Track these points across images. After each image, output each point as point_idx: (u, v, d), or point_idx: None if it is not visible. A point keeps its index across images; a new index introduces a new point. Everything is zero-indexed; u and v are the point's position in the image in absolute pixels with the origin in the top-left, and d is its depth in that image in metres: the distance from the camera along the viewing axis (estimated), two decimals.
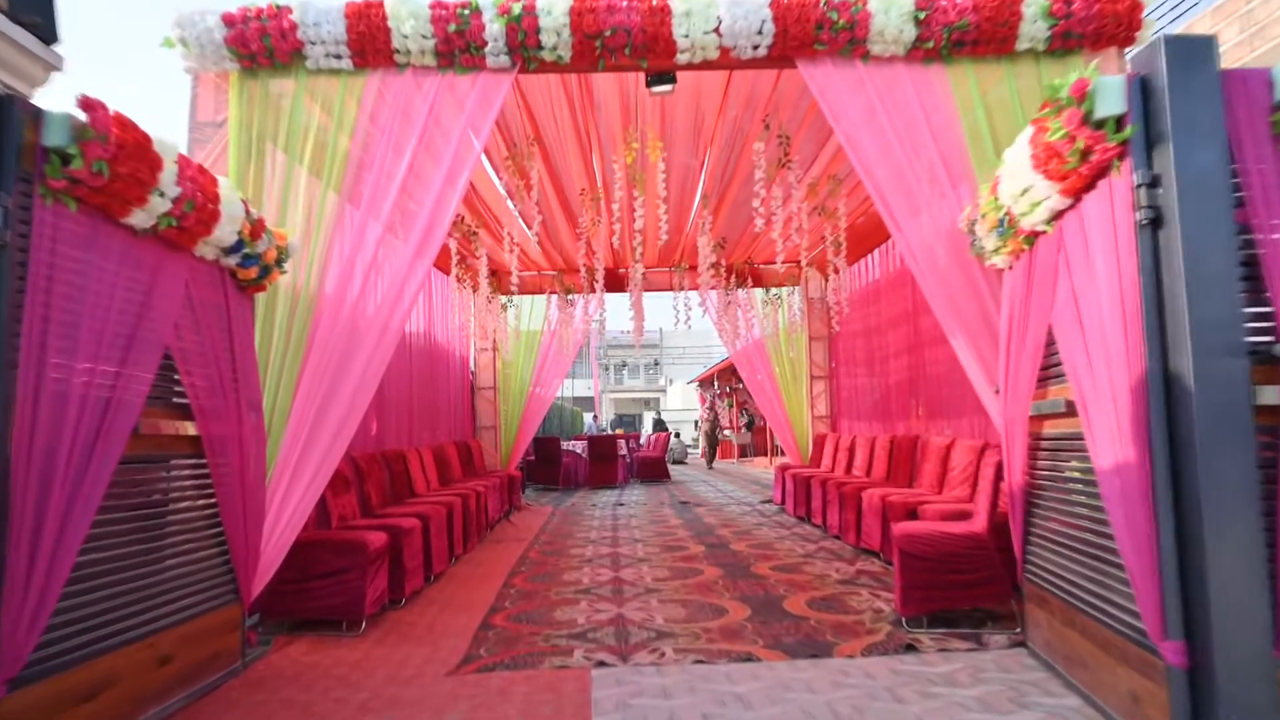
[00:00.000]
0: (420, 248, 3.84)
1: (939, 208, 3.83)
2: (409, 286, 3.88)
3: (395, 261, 3.91)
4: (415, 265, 3.87)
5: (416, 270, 3.89)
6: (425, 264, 3.92)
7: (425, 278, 4.03)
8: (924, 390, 6.82)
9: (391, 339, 3.90)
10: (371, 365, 3.87)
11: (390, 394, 6.77)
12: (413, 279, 3.89)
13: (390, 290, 3.87)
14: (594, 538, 7.28)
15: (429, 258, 3.91)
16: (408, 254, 3.84)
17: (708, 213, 5.75)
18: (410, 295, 3.90)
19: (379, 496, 5.63)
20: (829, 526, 7.14)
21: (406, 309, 3.91)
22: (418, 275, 3.90)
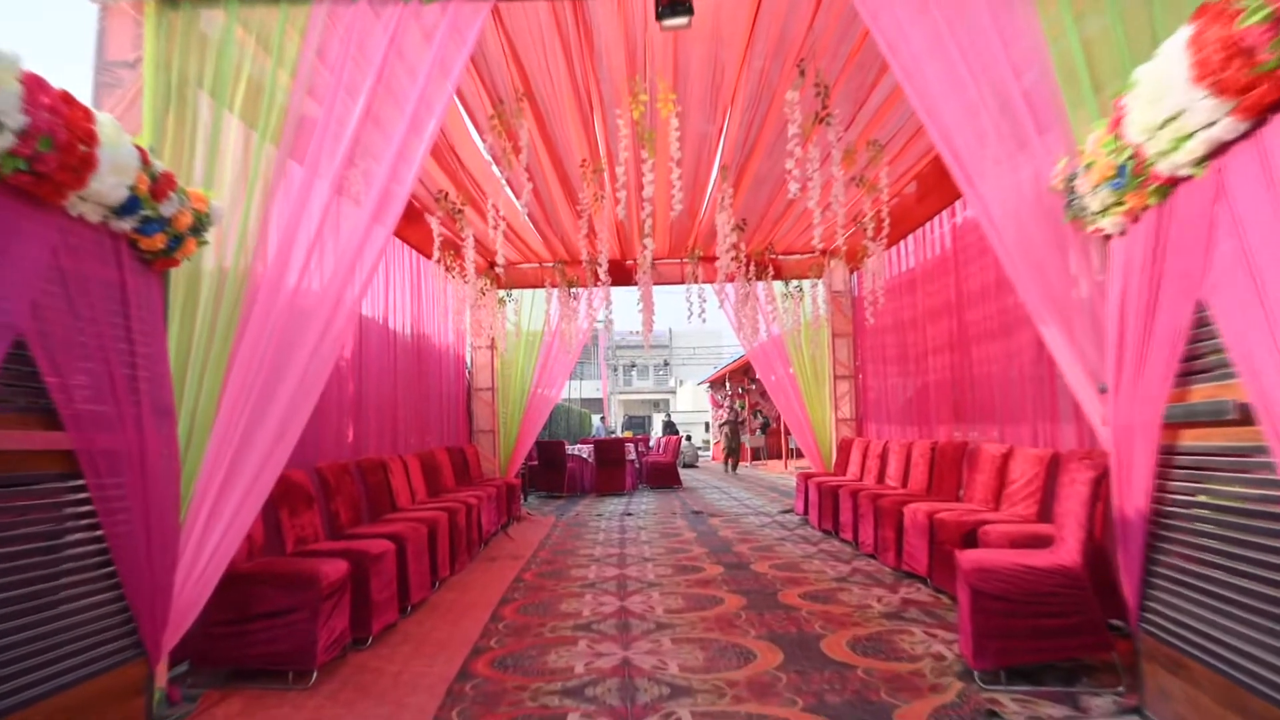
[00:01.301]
0: (378, 211, 3.11)
1: (1021, 160, 3.06)
2: (365, 258, 3.16)
3: (349, 229, 3.18)
4: (373, 232, 3.15)
5: (374, 238, 3.16)
6: (385, 231, 3.20)
7: (385, 250, 3.30)
8: (971, 391, 6.04)
9: (344, 322, 3.17)
10: (320, 356, 3.14)
11: (370, 396, 6.05)
12: (369, 249, 3.16)
13: (342, 263, 3.14)
14: (598, 555, 6.53)
15: (389, 223, 3.19)
16: (363, 218, 3.11)
17: (727, 186, 5.01)
18: (367, 268, 3.17)
19: (350, 513, 4.90)
20: (861, 543, 6.36)
21: (362, 285, 3.18)
22: (375, 244, 3.17)
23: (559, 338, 9.11)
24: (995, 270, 5.50)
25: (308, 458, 4.84)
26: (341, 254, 3.14)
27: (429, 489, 6.89)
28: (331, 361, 3.17)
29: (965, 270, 6.04)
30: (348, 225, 3.21)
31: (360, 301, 3.21)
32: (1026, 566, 3.21)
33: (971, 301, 5.92)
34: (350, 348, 5.69)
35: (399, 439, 6.74)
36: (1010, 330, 5.28)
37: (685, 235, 7.95)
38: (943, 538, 4.70)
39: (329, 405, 5.26)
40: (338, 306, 3.12)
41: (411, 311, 7.24)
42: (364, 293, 3.24)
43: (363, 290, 3.17)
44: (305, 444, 4.76)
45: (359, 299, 3.16)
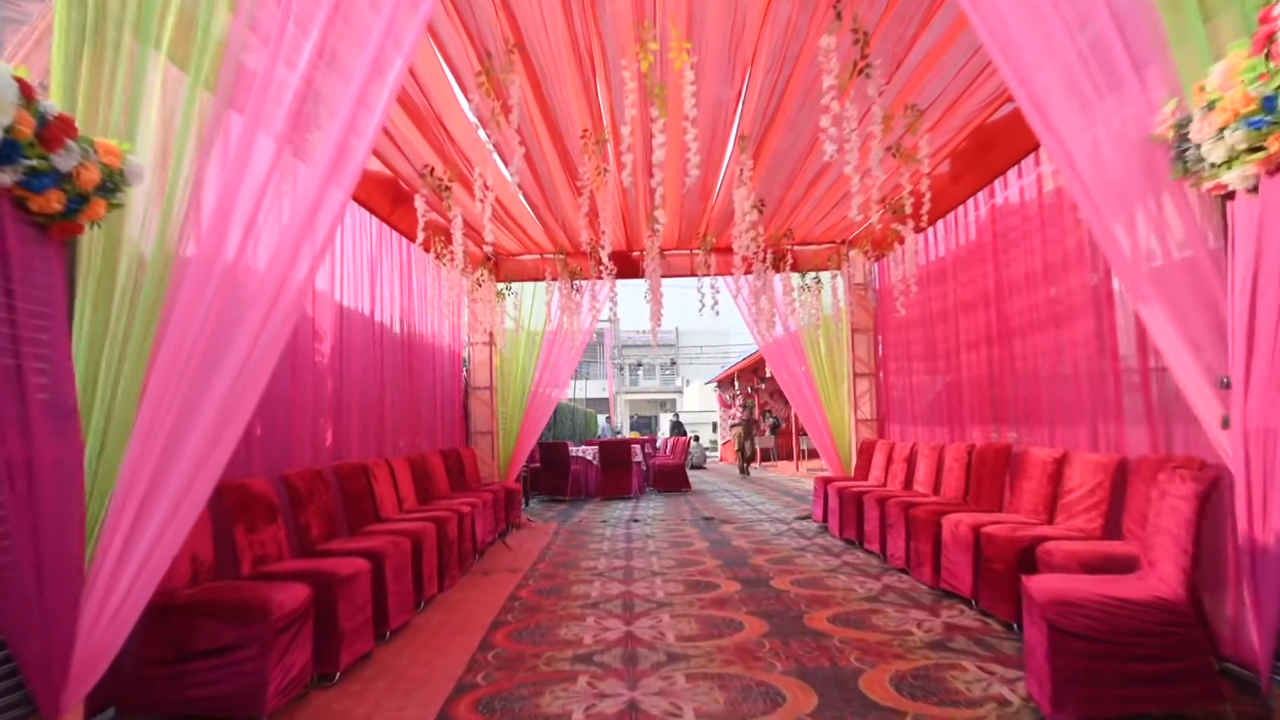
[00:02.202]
0: (334, 169, 2.58)
1: (1114, 104, 2.51)
2: (318, 227, 2.63)
3: (300, 192, 2.65)
4: (328, 196, 2.62)
5: (329, 203, 2.63)
6: (342, 195, 2.67)
7: (342, 217, 2.77)
8: (1012, 389, 5.47)
9: (293, 301, 2.64)
10: (265, 343, 2.61)
11: (353, 395, 5.53)
12: (324, 216, 2.63)
13: (291, 232, 2.60)
14: (602, 568, 5.99)
15: (347, 184, 2.66)
16: (316, 178, 2.58)
17: (746, 158, 4.47)
18: (320, 239, 2.64)
19: (323, 526, 4.38)
20: (890, 556, 5.81)
21: (314, 259, 2.65)
22: (330, 210, 2.64)
23: (561, 333, 8.57)
24: (1044, 255, 4.95)
25: (275, 464, 4.32)
26: (290, 222, 2.61)
27: (419, 496, 6.37)
28: (277, 350, 2.64)
29: (1007, 256, 5.48)
30: (298, 188, 2.68)
31: (312, 278, 2.68)
32: (1118, 600, 2.66)
33: (1014, 290, 5.36)
34: (329, 342, 5.17)
35: (386, 442, 6.21)
36: (1063, 321, 4.72)
37: (696, 222, 7.41)
38: (992, 555, 4.15)
39: (304, 406, 4.73)
40: (285, 284, 2.59)
41: (402, 304, 6.72)
42: (316, 268, 2.70)
43: (315, 265, 2.64)
44: (273, 449, 4.25)
45: (311, 275, 2.64)
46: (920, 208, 4.34)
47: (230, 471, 3.81)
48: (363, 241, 5.86)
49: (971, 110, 5.06)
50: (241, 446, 4.03)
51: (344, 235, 5.46)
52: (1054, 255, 4.81)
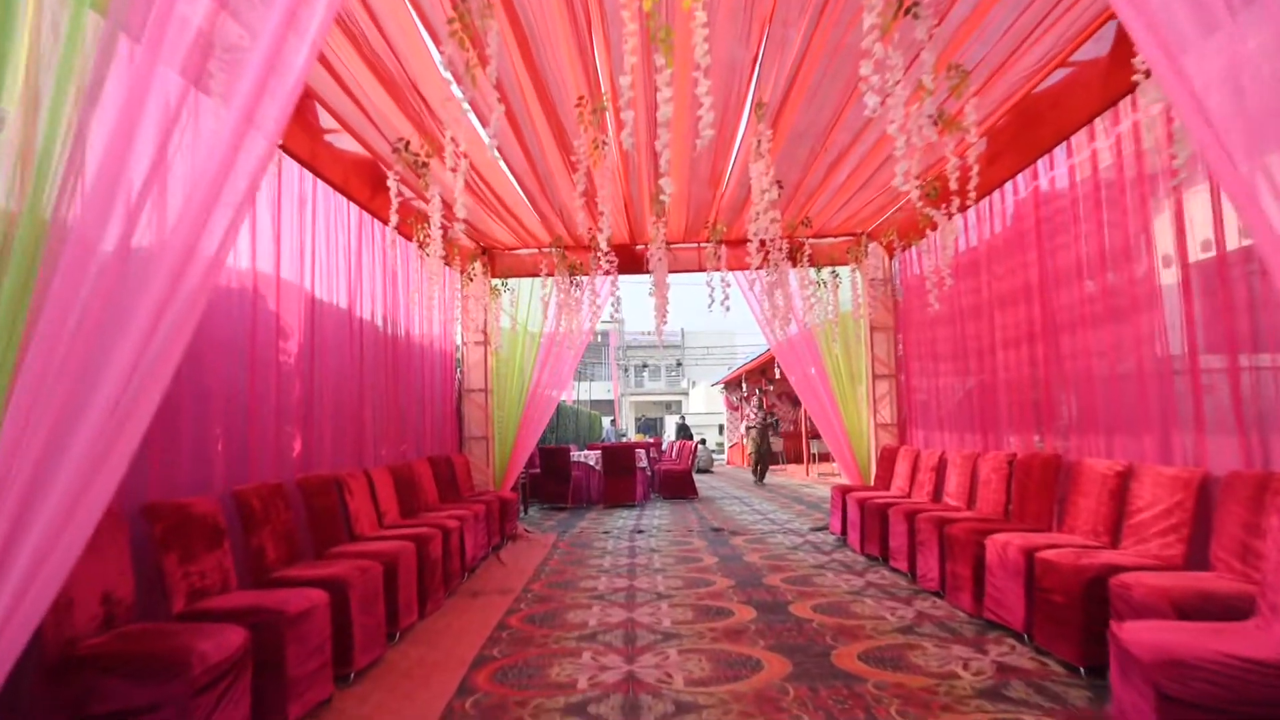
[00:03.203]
0: (252, 107, 2.03)
1: (1249, 21, 1.95)
2: (234, 184, 2.07)
3: (209, 139, 2.10)
4: (246, 143, 2.06)
5: (249, 153, 2.08)
6: (266, 142, 2.11)
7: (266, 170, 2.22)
8: (1060, 392, 4.90)
9: (203, 278, 2.09)
10: (166, 331, 2.06)
11: (326, 399, 4.99)
12: (242, 170, 2.07)
13: (199, 192, 2.05)
14: (602, 589, 5.44)
15: (272, 128, 2.10)
16: (230, 121, 2.03)
17: (764, 127, 3.93)
18: (238, 199, 2.08)
19: (281, 549, 3.84)
20: (921, 577, 5.24)
21: (231, 224, 2.10)
22: (251, 162, 2.09)
23: (560, 334, 8.02)
24: (1100, 240, 4.38)
25: (234, 478, 3.78)
26: (198, 179, 2.06)
27: (403, 509, 5.83)
28: (183, 339, 2.09)
29: (1054, 243, 4.91)
30: (209, 135, 2.13)
31: (228, 248, 2.14)
32: (1246, 661, 2.09)
33: (1063, 282, 4.79)
34: (296, 340, 4.63)
35: (366, 450, 5.67)
36: (1124, 314, 4.16)
37: (705, 211, 6.85)
38: (1051, 585, 3.58)
39: (264, 412, 4.20)
40: (193, 257, 2.04)
41: (386, 299, 6.18)
42: (233, 236, 2.15)
43: (232, 232, 2.09)
44: (220, 462, 3.71)
45: (226, 244, 2.09)
46: (967, 183, 3.78)
47: (166, 489, 3.29)
48: (339, 229, 5.33)
49: (1015, 80, 4.50)
50: (186, 460, 3.51)
51: (315, 220, 4.93)
52: (1114, 240, 4.25)
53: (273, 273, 4.38)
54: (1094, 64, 4.24)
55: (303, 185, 4.77)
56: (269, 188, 4.31)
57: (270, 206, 4.36)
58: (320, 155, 4.88)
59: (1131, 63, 3.96)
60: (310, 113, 4.56)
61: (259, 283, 4.20)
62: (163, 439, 3.32)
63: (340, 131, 4.86)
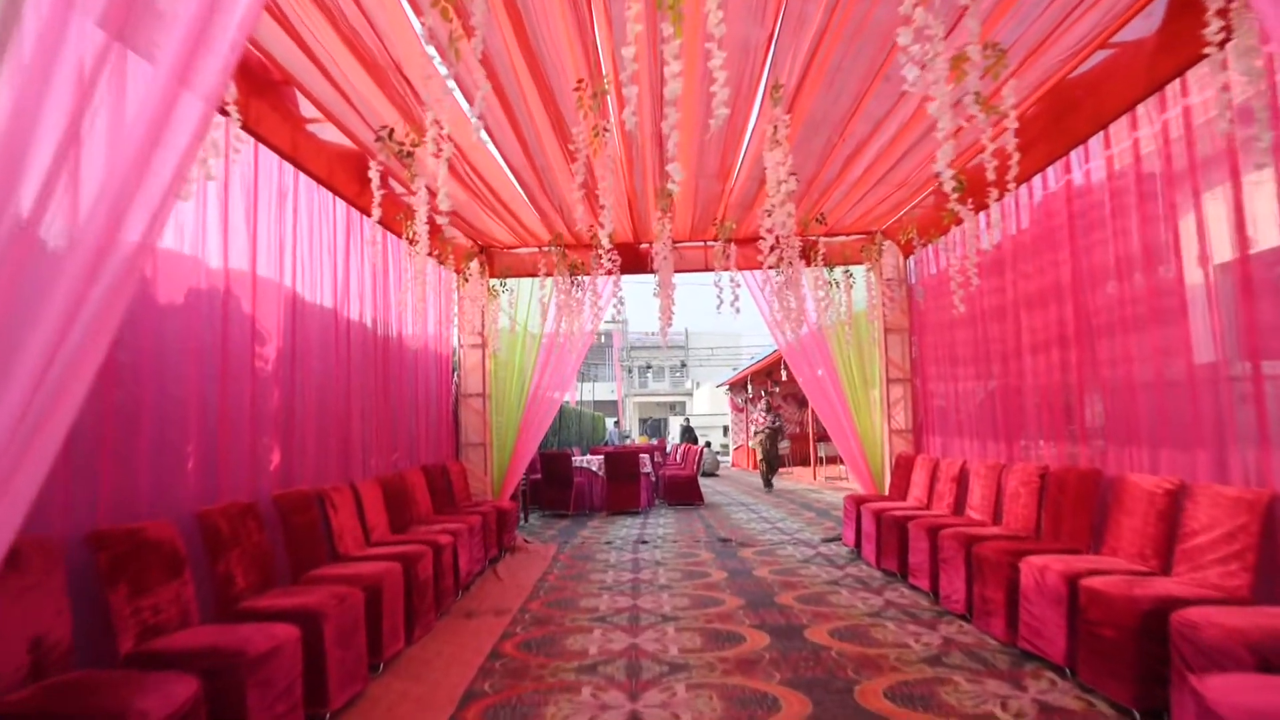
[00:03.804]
0: (185, 65, 1.70)
1: None
2: (164, 157, 1.73)
3: (136, 104, 1.77)
4: (179, 107, 1.73)
5: (182, 119, 1.74)
6: (202, 105, 1.78)
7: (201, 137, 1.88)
8: (1096, 400, 4.55)
9: (126, 270, 1.75)
10: (81, 331, 1.73)
11: (308, 407, 4.66)
12: (174, 141, 1.74)
13: (121, 166, 1.72)
14: (604, 610, 5.11)
15: (210, 89, 1.77)
16: (159, 82, 1.70)
17: (780, 112, 3.59)
18: (167, 175, 1.74)
19: (252, 575, 3.51)
20: (944, 597, 4.90)
21: (160, 206, 1.76)
22: (186, 127, 1.75)
23: (558, 338, 7.69)
24: (1143, 237, 4.04)
25: (192, 498, 3.46)
26: (122, 147, 1.73)
27: (394, 523, 5.50)
28: (102, 340, 1.76)
29: (1089, 239, 4.57)
30: (135, 99, 1.80)
31: (156, 235, 1.80)
32: None
33: (1100, 281, 4.44)
34: (275, 345, 4.31)
35: (354, 461, 5.34)
36: (1172, 316, 3.82)
37: (713, 207, 6.51)
38: (1098, 616, 3.24)
39: (238, 423, 3.88)
40: (115, 240, 1.71)
41: (375, 300, 5.86)
42: (162, 220, 1.81)
43: (160, 216, 1.75)
44: (187, 481, 3.39)
45: (154, 230, 1.74)
46: (1006, 173, 3.44)
47: (120, 514, 2.96)
48: (324, 225, 5.00)
49: (1051, 63, 4.16)
50: (144, 480, 3.18)
51: (297, 215, 4.60)
52: (1159, 235, 3.90)
53: (248, 272, 4.06)
54: (1138, 45, 3.90)
55: (282, 177, 4.44)
56: (243, 179, 3.99)
57: (245, 199, 4.03)
58: (302, 146, 4.56)
59: (1178, 44, 3.65)
60: (289, 100, 4.24)
61: (232, 282, 3.88)
62: (116, 458, 3.00)
63: (323, 121, 4.54)
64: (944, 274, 6.77)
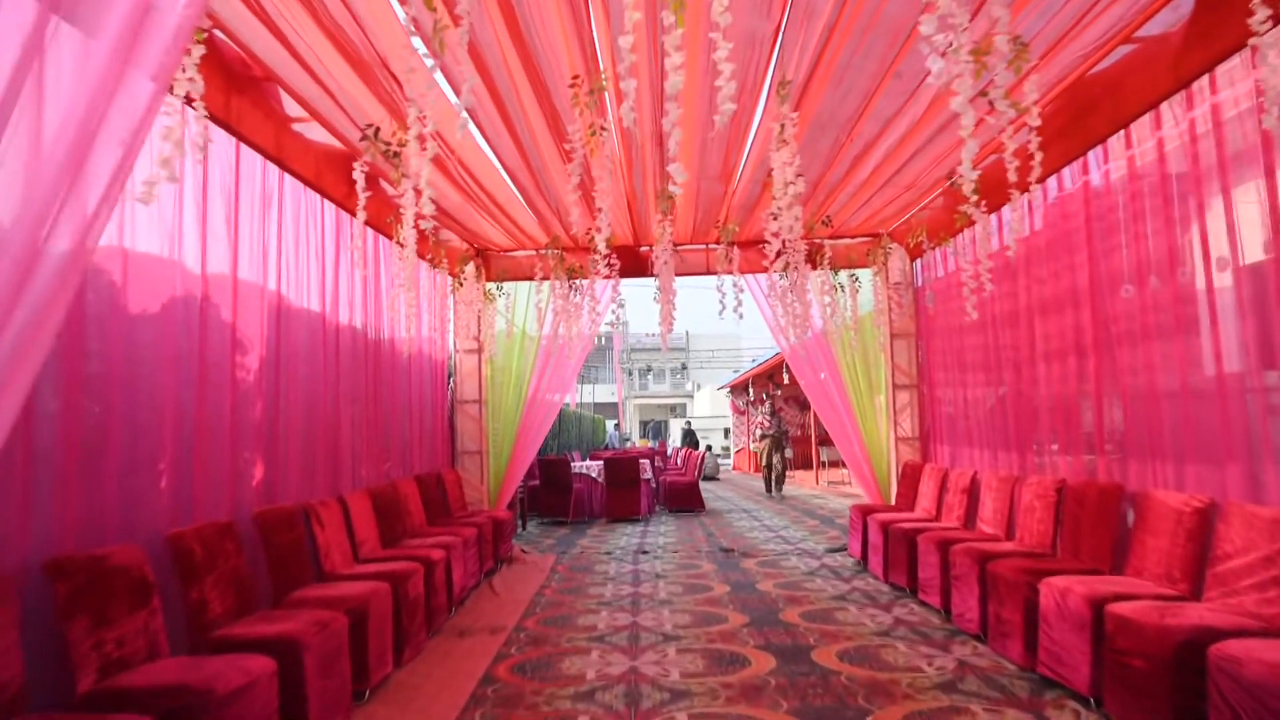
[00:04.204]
0: (131, 39, 1.51)
1: None
2: (106, 143, 1.54)
3: (73, 82, 1.58)
4: (126, 86, 1.54)
5: (129, 99, 1.55)
6: (150, 85, 1.58)
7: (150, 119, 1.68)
8: (1116, 411, 4.36)
9: (68, 259, 1.56)
10: (9, 346, 1.53)
11: (293, 418, 4.47)
12: (119, 119, 1.54)
13: (57, 154, 1.52)
14: (602, 628, 4.91)
15: (156, 65, 1.57)
16: (102, 58, 1.51)
17: (788, 110, 3.41)
18: (116, 159, 1.55)
19: (229, 600, 3.32)
20: (956, 615, 4.71)
21: (107, 190, 1.56)
22: (133, 109, 1.55)
23: (556, 341, 7.49)
24: (1165, 241, 3.85)
25: (166, 520, 3.26)
26: (58, 137, 1.53)
27: (385, 537, 5.31)
28: (35, 356, 1.57)
29: (1108, 243, 4.37)
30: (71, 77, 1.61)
31: (102, 223, 1.60)
32: None
33: (1120, 286, 4.25)
34: (258, 354, 4.12)
35: (343, 473, 5.15)
36: (1200, 323, 3.62)
37: (715, 209, 6.32)
38: (1127, 645, 3.04)
39: (216, 438, 3.68)
40: (52, 235, 1.51)
41: (365, 305, 5.67)
42: (103, 218, 1.61)
43: (107, 202, 1.55)
44: (160, 501, 3.20)
45: (92, 230, 1.54)
46: (1028, 174, 3.25)
47: (85, 539, 2.77)
48: (312, 229, 4.81)
49: (1070, 60, 3.97)
50: (112, 502, 2.99)
51: (282, 218, 4.41)
52: (1185, 238, 3.71)
53: (229, 276, 3.87)
54: (1163, 39, 3.71)
55: (266, 178, 4.26)
56: (223, 179, 3.80)
57: (226, 201, 3.85)
58: (287, 147, 4.37)
59: (1208, 38, 3.47)
60: (272, 98, 4.05)
61: (211, 288, 3.69)
62: (81, 478, 2.81)
63: (308, 120, 4.35)
64: (952, 278, 6.58)
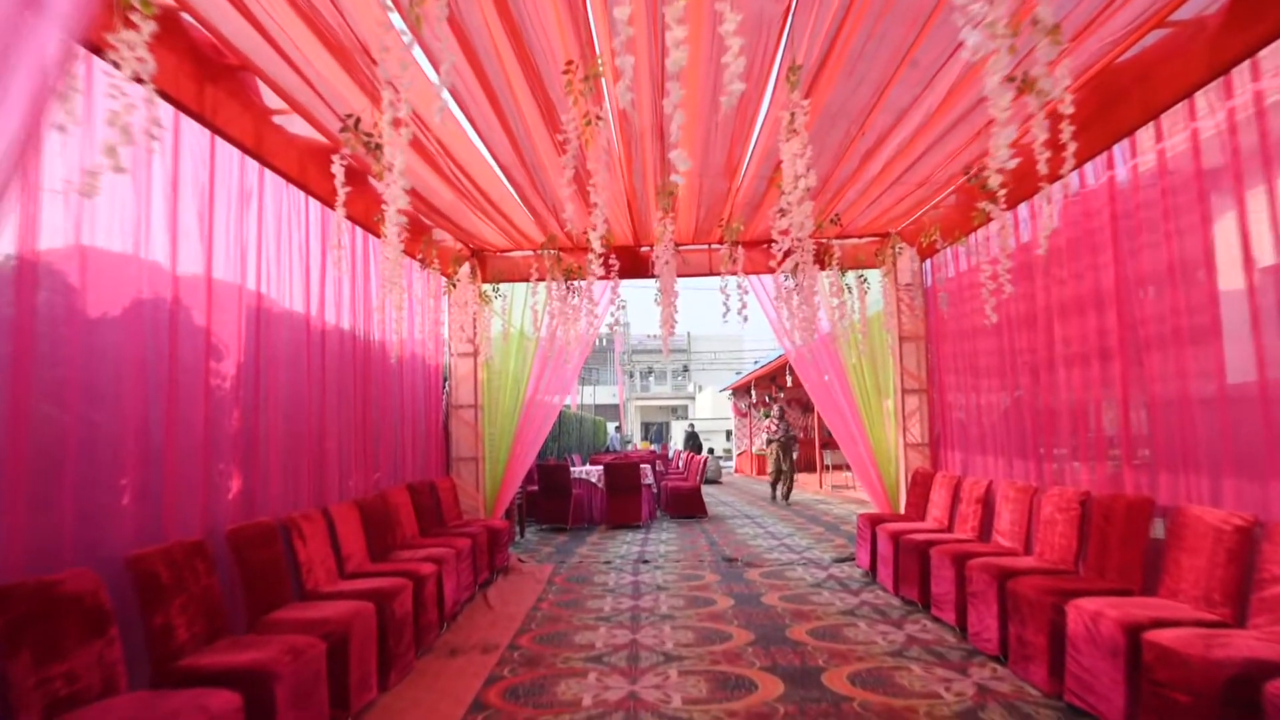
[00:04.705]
0: None
1: None
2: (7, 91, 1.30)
3: None
4: (31, 37, 1.30)
5: (28, 48, 1.31)
6: (59, 35, 1.34)
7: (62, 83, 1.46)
8: (1144, 420, 4.12)
9: None
10: None
11: (274, 428, 4.24)
12: (19, 75, 1.30)
13: None
14: (601, 646, 4.68)
15: (68, 9, 1.33)
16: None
17: (798, 97, 3.17)
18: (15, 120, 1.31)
19: (199, 625, 3.08)
20: (973, 635, 4.46)
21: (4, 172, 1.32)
22: (31, 63, 1.32)
23: (553, 344, 7.26)
24: (1199, 239, 3.61)
25: (131, 540, 3.03)
26: None
27: (374, 550, 5.08)
28: None
29: (1136, 242, 4.13)
30: None
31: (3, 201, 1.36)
32: None
33: (1149, 287, 4.01)
34: (234, 360, 3.89)
35: (329, 484, 4.92)
36: (1237, 327, 3.38)
37: (718, 207, 6.09)
38: (1167, 677, 2.81)
39: (188, 450, 3.45)
40: None
41: (354, 306, 5.44)
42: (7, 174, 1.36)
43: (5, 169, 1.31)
44: (124, 520, 2.97)
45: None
46: (1059, 166, 3.02)
47: (38, 564, 2.54)
48: (294, 226, 4.58)
49: (1098, 47, 3.74)
50: (69, 524, 2.76)
51: (263, 215, 4.19)
52: (1222, 236, 3.47)
53: (202, 277, 3.64)
54: (1199, 23, 3.48)
55: (245, 174, 4.03)
56: (196, 174, 3.57)
57: (199, 198, 3.62)
58: (268, 141, 4.14)
59: (1251, 20, 3.23)
60: (250, 89, 3.83)
61: (182, 290, 3.46)
62: (32, 498, 2.58)
63: (290, 113, 4.13)
64: (965, 278, 6.34)
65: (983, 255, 5.77)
